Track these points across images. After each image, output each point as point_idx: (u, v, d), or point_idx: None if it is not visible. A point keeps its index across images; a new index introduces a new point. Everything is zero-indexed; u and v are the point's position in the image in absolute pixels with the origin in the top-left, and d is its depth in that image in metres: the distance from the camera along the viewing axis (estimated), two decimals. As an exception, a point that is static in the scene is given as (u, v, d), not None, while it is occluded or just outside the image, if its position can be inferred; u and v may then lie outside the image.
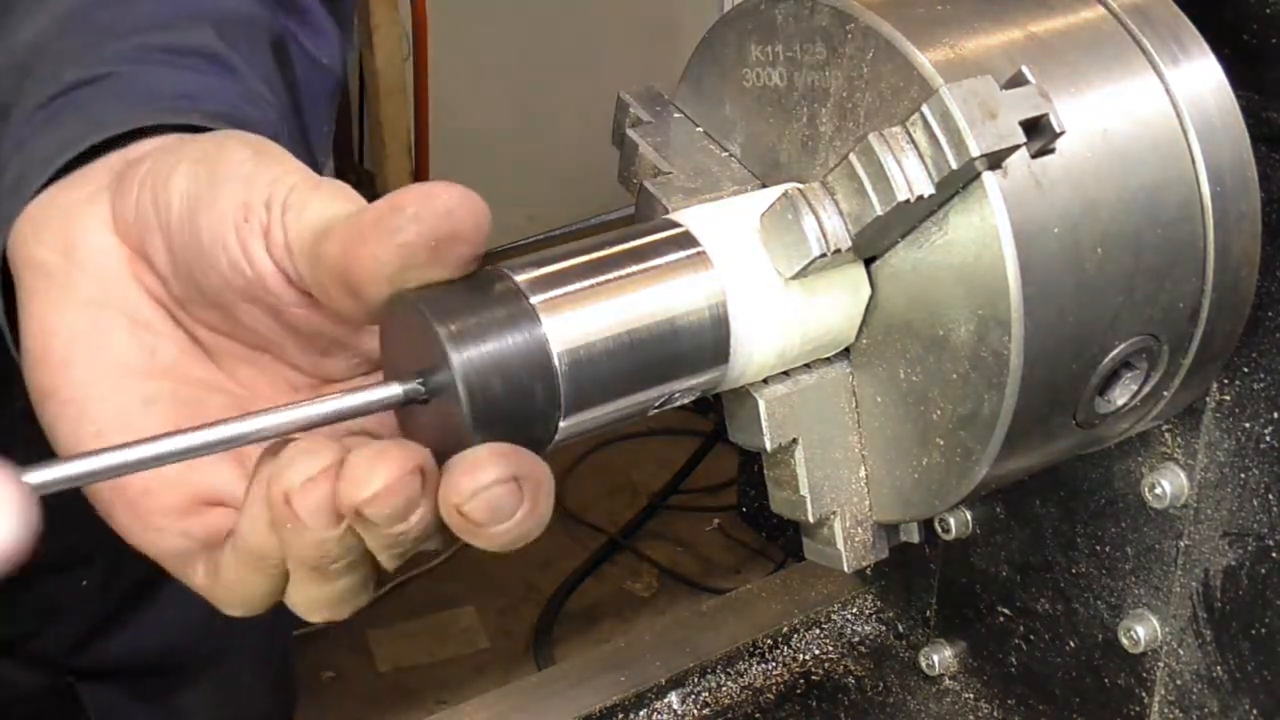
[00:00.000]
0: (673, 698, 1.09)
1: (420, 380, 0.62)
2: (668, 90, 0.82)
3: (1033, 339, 0.67)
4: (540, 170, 3.80)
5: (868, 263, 0.72)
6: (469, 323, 0.60)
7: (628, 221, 0.73)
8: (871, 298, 0.72)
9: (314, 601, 0.63)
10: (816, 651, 1.15)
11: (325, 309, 0.63)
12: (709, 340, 0.68)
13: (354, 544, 0.59)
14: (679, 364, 0.67)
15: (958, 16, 0.71)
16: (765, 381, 0.73)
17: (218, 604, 0.65)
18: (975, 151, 0.63)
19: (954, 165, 0.63)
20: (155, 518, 0.63)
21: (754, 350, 0.69)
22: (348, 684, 2.80)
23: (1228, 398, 0.85)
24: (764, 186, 0.76)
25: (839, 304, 0.72)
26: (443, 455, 0.61)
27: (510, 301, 0.62)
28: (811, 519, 0.75)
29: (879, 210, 0.65)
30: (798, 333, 0.71)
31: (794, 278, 0.69)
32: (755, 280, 0.68)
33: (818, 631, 1.16)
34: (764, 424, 0.73)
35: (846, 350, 0.75)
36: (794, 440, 0.74)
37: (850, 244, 0.67)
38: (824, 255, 0.67)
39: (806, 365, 0.74)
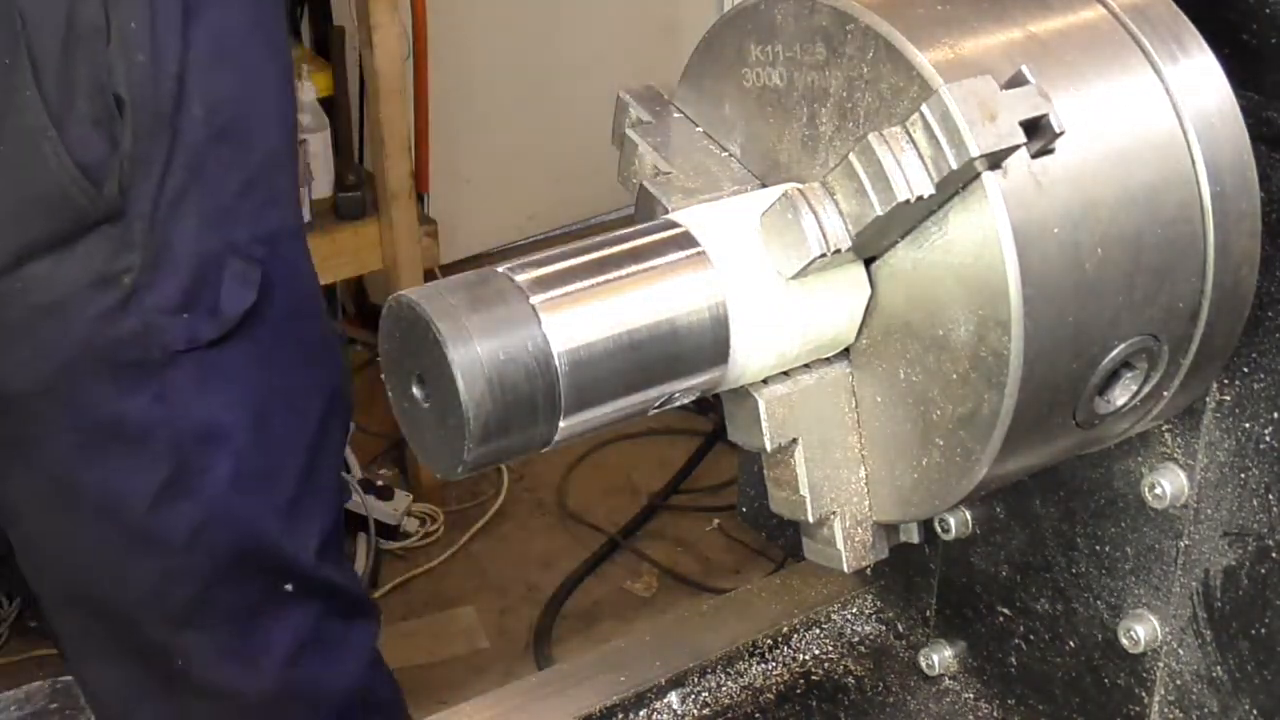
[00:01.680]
0: (673, 698, 1.09)
1: (420, 380, 0.62)
2: (668, 90, 0.82)
3: (1033, 339, 0.67)
4: (540, 170, 3.79)
5: (867, 263, 0.72)
6: (469, 322, 0.60)
7: (628, 221, 0.73)
8: (871, 298, 0.72)
9: None
10: (816, 651, 1.15)
11: None
12: (709, 340, 0.68)
13: None
14: (679, 364, 0.67)
15: (958, 16, 0.71)
16: (765, 381, 0.73)
17: None
18: (975, 152, 0.62)
19: (954, 165, 0.63)
20: None
21: (754, 350, 0.69)
22: (348, 684, 2.79)
23: (1228, 398, 0.85)
24: (764, 186, 0.76)
25: (839, 304, 0.72)
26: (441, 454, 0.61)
27: (511, 301, 0.62)
28: (811, 519, 0.75)
29: (879, 210, 0.65)
30: (798, 333, 0.71)
31: (794, 278, 0.68)
32: (755, 280, 0.68)
33: (818, 631, 1.16)
34: (764, 424, 0.73)
35: (846, 350, 0.75)
36: (794, 440, 0.74)
37: (850, 244, 0.67)
38: (824, 255, 0.67)
39: (806, 365, 0.74)
